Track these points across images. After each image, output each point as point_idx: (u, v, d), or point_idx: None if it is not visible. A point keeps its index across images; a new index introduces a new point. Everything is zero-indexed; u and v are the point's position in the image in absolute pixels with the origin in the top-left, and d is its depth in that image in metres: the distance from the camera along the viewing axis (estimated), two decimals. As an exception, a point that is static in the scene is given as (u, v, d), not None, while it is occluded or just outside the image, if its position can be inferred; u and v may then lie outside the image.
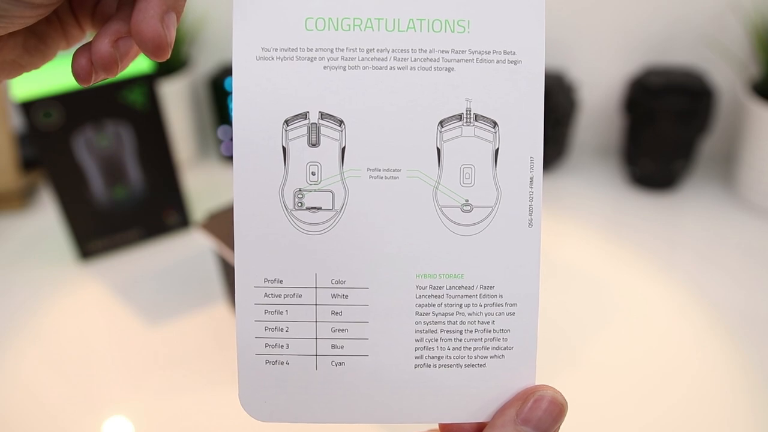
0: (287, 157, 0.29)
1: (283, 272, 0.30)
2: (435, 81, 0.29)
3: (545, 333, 0.59)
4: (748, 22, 0.76)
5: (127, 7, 0.28)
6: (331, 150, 0.29)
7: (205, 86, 0.90)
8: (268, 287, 0.30)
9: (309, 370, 0.30)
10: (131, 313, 0.63)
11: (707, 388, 0.54)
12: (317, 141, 0.29)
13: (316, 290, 0.30)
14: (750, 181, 0.76)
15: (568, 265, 0.68)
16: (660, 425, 0.51)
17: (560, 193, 0.81)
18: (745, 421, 0.51)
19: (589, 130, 0.87)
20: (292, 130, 0.29)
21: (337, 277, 0.30)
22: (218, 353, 0.58)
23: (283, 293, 0.30)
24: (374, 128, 0.29)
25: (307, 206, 0.30)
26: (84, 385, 0.55)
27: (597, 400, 0.53)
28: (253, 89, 0.29)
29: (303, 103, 0.29)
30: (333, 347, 0.30)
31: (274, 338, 0.30)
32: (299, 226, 0.30)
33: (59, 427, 0.52)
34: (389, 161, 0.29)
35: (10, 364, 0.58)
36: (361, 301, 0.30)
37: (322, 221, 0.30)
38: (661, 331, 0.60)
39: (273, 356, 0.30)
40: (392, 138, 0.29)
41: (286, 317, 0.30)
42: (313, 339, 0.30)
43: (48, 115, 0.61)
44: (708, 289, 0.65)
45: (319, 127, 0.29)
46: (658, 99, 0.75)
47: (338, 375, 0.30)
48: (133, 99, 0.63)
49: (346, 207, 0.29)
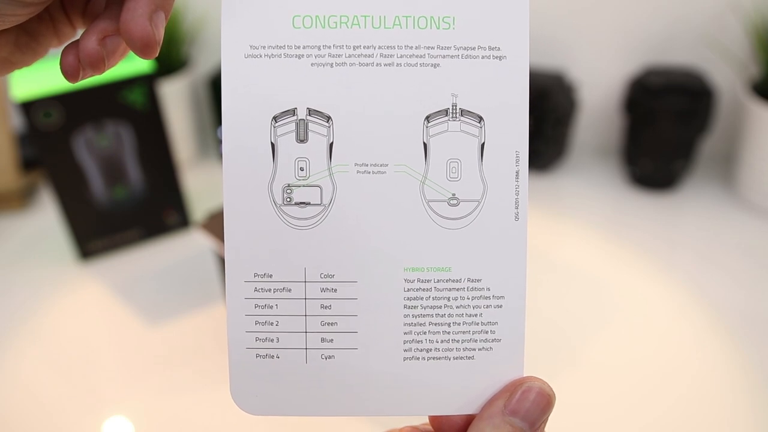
0: (275, 153, 0.30)
1: (272, 267, 0.30)
2: (421, 77, 0.29)
3: (545, 333, 0.59)
4: (748, 21, 0.76)
5: (115, 5, 0.28)
6: (319, 145, 0.30)
7: (205, 86, 0.90)
8: (258, 282, 0.30)
9: (299, 364, 0.31)
10: (131, 313, 0.63)
11: (707, 388, 0.54)
12: (305, 137, 0.30)
13: (306, 284, 0.30)
14: (750, 181, 0.76)
15: (568, 265, 0.68)
16: (660, 425, 0.51)
17: (560, 193, 0.81)
18: (745, 421, 0.51)
19: (589, 130, 0.87)
20: (281, 126, 0.29)
21: (325, 271, 0.30)
22: (218, 353, 0.58)
23: (273, 287, 0.30)
24: (361, 124, 0.29)
25: (295, 201, 0.30)
26: (84, 385, 0.55)
27: (597, 400, 0.53)
28: (241, 87, 0.29)
29: (291, 99, 0.29)
30: (323, 341, 0.31)
31: (264, 332, 0.31)
32: (288, 221, 0.30)
33: (59, 427, 0.52)
34: (376, 156, 0.30)
35: (10, 364, 0.58)
36: (350, 294, 0.30)
37: (310, 216, 0.30)
38: (661, 331, 0.60)
39: (263, 350, 0.31)
40: (379, 133, 0.30)
41: (275, 311, 0.30)
42: (303, 333, 0.31)
43: (48, 115, 0.61)
44: (708, 289, 0.65)
45: (306, 123, 0.29)
46: (658, 99, 0.75)
47: (328, 368, 0.31)
48: (133, 99, 0.63)
49: (335, 202, 0.30)
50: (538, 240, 0.72)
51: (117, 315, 0.63)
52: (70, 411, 0.53)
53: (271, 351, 0.31)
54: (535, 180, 0.83)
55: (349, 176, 0.30)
